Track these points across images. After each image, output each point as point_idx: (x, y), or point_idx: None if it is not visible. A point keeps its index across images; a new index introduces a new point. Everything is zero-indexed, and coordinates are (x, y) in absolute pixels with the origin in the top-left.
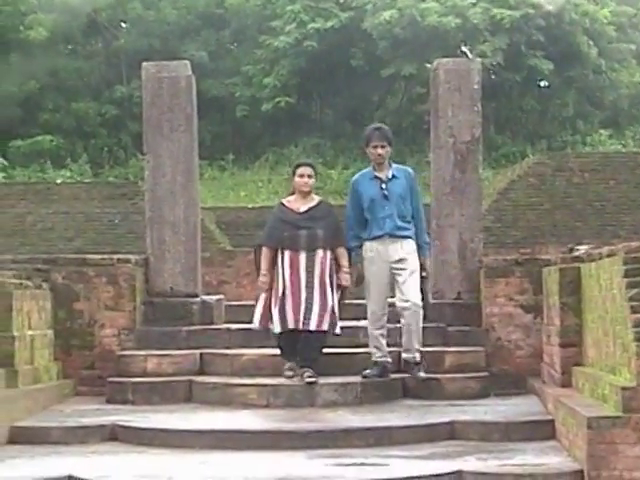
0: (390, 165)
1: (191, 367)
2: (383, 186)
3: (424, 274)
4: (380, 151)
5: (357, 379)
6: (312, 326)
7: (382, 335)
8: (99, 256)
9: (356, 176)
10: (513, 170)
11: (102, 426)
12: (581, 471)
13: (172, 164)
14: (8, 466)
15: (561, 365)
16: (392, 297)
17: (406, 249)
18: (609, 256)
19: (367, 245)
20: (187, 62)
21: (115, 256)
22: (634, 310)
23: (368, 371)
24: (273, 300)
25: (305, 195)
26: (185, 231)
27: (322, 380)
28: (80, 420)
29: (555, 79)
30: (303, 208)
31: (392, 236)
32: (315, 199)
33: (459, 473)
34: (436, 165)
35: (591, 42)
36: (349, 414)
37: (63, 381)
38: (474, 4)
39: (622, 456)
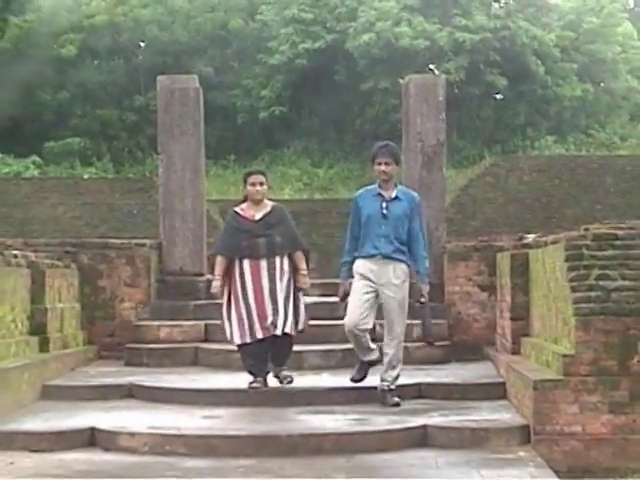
0: (396, 185)
1: (197, 335)
2: (384, 205)
3: (423, 300)
4: (384, 168)
5: (338, 346)
6: (279, 331)
7: (364, 339)
8: (119, 241)
9: (360, 190)
10: (472, 170)
11: (121, 385)
12: (528, 426)
13: (182, 163)
14: (41, 419)
15: (511, 336)
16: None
17: (398, 273)
18: (553, 243)
19: (359, 262)
20: (195, 76)
21: (133, 241)
22: (573, 289)
23: (355, 374)
24: (235, 312)
25: (258, 202)
26: (193, 220)
27: (308, 347)
28: (102, 380)
29: (509, 93)
30: (258, 216)
31: (385, 257)
32: (268, 205)
33: (425, 427)
34: (407, 165)
35: (539, 62)
36: (331, 376)
37: (88, 347)
38: (440, 29)
39: (562, 413)
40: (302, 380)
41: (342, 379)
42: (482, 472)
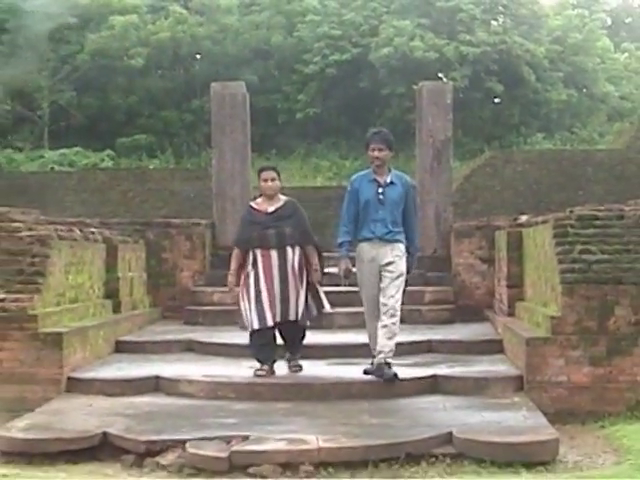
0: (389, 170)
1: None
2: (380, 190)
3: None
4: (377, 154)
5: (362, 309)
6: (292, 317)
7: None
8: (179, 221)
9: (355, 175)
10: (474, 162)
11: (181, 341)
12: (521, 376)
13: (232, 156)
14: (114, 368)
15: (507, 300)
16: None
17: (395, 252)
18: (542, 223)
19: (359, 246)
20: (243, 83)
21: (191, 221)
22: (560, 262)
23: (369, 367)
24: (247, 299)
25: (271, 197)
26: (241, 203)
27: (337, 310)
28: (165, 337)
29: (505, 97)
30: (271, 209)
31: (382, 240)
32: (282, 199)
33: (434, 377)
34: (420, 158)
35: (531, 71)
36: (356, 334)
37: (153, 309)
38: (448, 43)
39: (550, 366)
40: (332, 337)
41: (365, 336)
42: (483, 414)
